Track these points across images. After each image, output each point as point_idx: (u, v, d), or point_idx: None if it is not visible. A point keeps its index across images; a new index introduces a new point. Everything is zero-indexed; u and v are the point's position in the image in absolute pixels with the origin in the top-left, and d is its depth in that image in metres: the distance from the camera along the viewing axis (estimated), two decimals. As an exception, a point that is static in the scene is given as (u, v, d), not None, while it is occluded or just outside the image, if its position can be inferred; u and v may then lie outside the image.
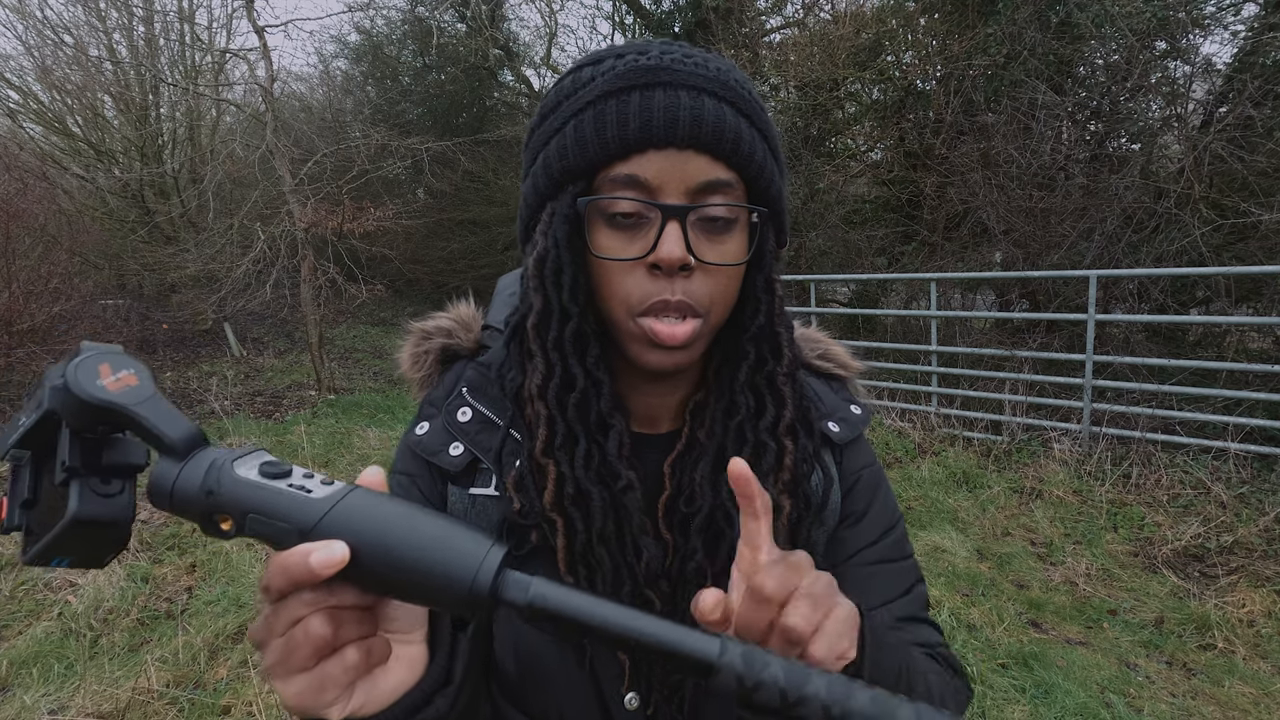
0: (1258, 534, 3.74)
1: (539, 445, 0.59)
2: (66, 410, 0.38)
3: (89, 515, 0.38)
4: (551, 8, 13.30)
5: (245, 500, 0.40)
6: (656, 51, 0.57)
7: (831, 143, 9.16)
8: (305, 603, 0.40)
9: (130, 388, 0.40)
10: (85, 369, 0.39)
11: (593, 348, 0.59)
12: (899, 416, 6.00)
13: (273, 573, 0.39)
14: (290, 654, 0.40)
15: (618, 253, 0.56)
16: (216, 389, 8.07)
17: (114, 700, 2.59)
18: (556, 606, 0.39)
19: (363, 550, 0.39)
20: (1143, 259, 5.89)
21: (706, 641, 0.38)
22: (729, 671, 0.37)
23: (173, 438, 0.40)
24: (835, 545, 0.69)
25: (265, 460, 0.42)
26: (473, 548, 0.40)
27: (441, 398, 0.69)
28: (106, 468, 0.40)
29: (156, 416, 0.40)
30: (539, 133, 0.61)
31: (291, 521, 0.39)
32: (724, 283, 0.58)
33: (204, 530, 0.41)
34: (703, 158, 0.55)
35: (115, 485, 0.40)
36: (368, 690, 0.43)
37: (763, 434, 0.62)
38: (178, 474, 0.40)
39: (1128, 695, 2.73)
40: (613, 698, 0.61)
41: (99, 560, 0.42)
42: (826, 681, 0.37)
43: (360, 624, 0.42)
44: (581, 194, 0.57)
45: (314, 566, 0.38)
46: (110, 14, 10.64)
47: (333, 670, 0.41)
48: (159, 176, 10.70)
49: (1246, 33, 5.83)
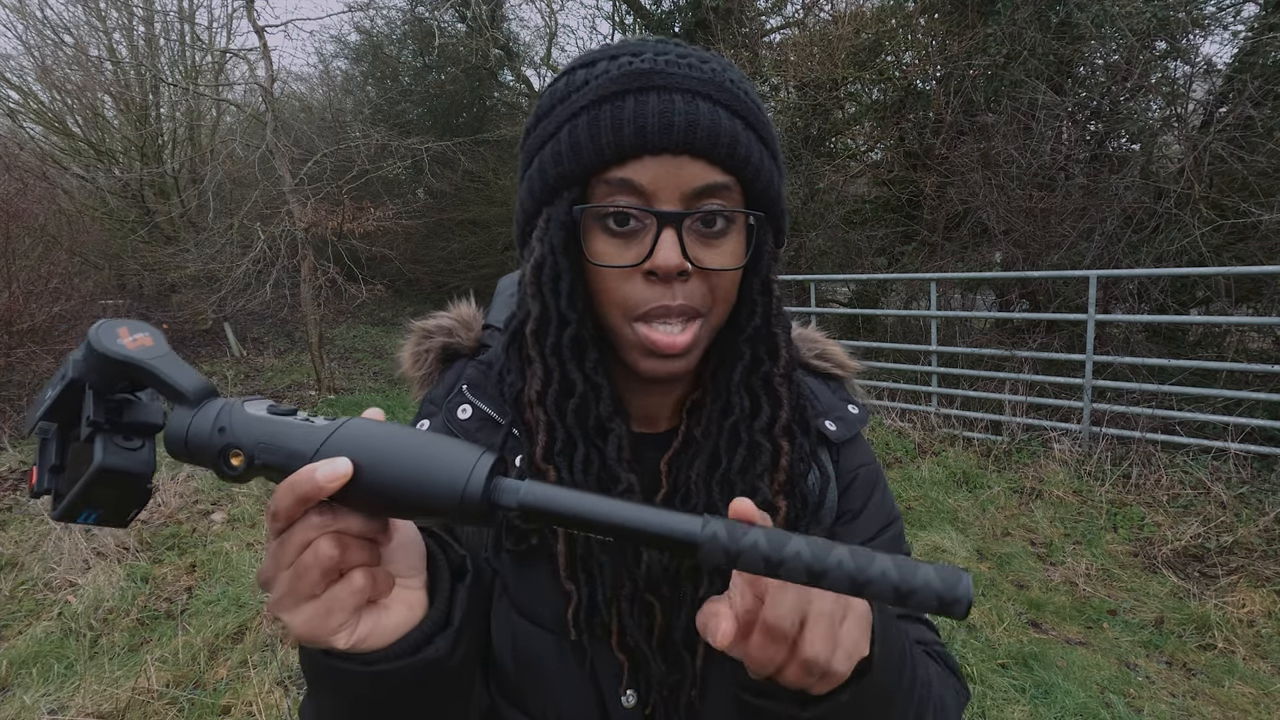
0: (1258, 534, 3.74)
1: (539, 451, 0.60)
2: (91, 369, 0.42)
3: (113, 465, 0.42)
4: (551, 8, 13.31)
5: (255, 433, 0.43)
6: (650, 53, 0.56)
7: (831, 143, 9.16)
8: (313, 526, 0.41)
9: (146, 347, 0.44)
10: (106, 331, 0.43)
11: (591, 353, 0.59)
12: (899, 416, 6.00)
13: (280, 494, 0.41)
14: (299, 581, 0.41)
15: (614, 259, 0.56)
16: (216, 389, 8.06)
17: (114, 700, 2.59)
18: (546, 504, 0.41)
19: (363, 467, 0.41)
20: (1143, 259, 5.89)
21: (688, 521, 0.40)
22: (714, 544, 0.39)
23: (186, 387, 0.44)
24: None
25: (271, 404, 0.45)
26: (464, 456, 0.42)
27: (442, 396, 0.70)
28: (128, 425, 0.44)
29: (172, 370, 0.44)
30: (534, 136, 0.60)
31: (298, 448, 0.42)
32: (722, 286, 0.58)
33: (218, 473, 0.43)
34: (698, 162, 0.55)
35: (136, 441, 0.44)
36: (372, 623, 0.45)
37: (758, 434, 0.62)
38: (192, 418, 0.43)
39: (1128, 695, 2.73)
40: (611, 696, 0.61)
41: (123, 516, 0.45)
42: (806, 542, 0.39)
43: (365, 550, 0.44)
44: (577, 200, 0.57)
45: (320, 481, 0.40)
46: (110, 14, 10.65)
47: (340, 594, 0.42)
48: (159, 176, 10.70)
49: (1246, 33, 5.83)
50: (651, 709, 0.62)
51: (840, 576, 0.38)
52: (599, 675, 0.61)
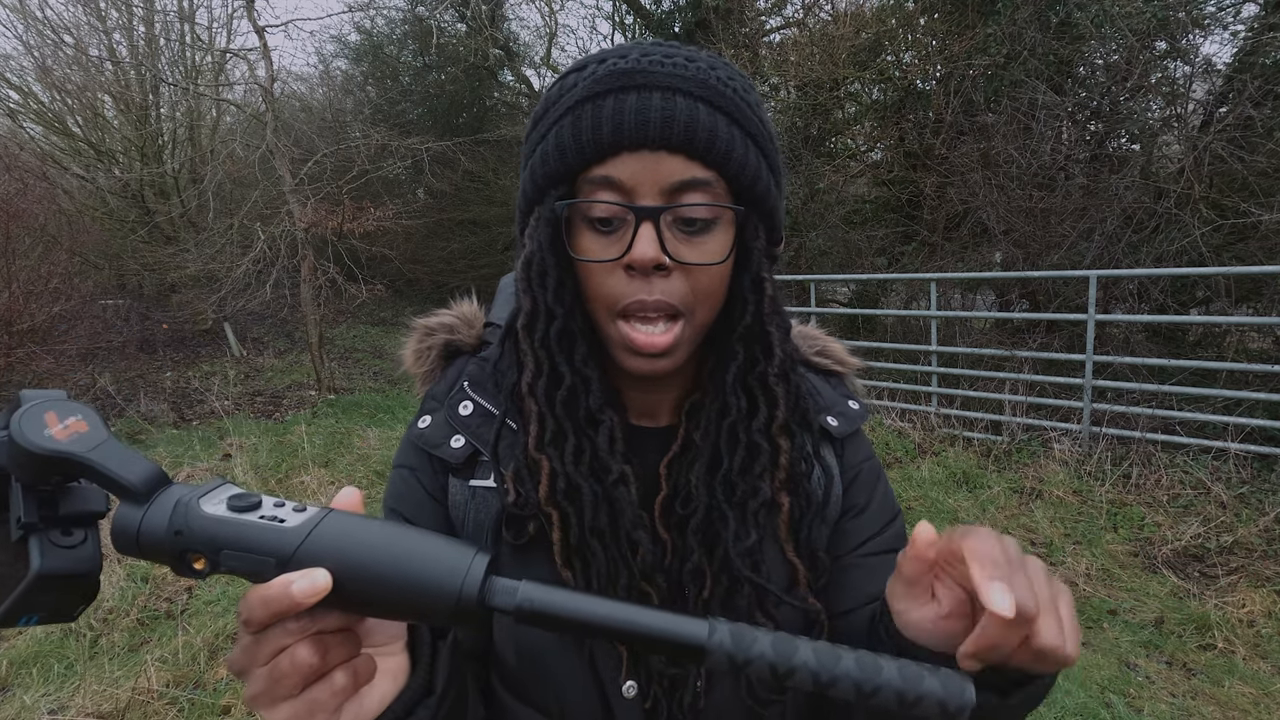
0: (1258, 534, 3.74)
1: (532, 440, 0.61)
2: (15, 465, 0.37)
3: (55, 569, 0.37)
4: (551, 8, 13.28)
5: (217, 537, 0.38)
6: (636, 54, 0.57)
7: (831, 143, 9.16)
8: (289, 632, 0.39)
9: (80, 434, 0.38)
10: (30, 421, 0.37)
11: (580, 346, 0.60)
12: (899, 416, 5.99)
13: (252, 606, 0.38)
14: (276, 683, 0.39)
15: (596, 254, 0.57)
16: (217, 389, 8.07)
17: (114, 700, 2.59)
18: (545, 607, 0.39)
19: (345, 574, 0.38)
20: (1143, 259, 5.89)
21: (695, 626, 0.39)
22: (719, 652, 0.38)
23: (132, 481, 0.38)
24: (839, 537, 0.70)
25: (232, 494, 0.40)
26: (456, 558, 0.39)
27: (444, 392, 0.70)
28: (65, 518, 0.38)
29: (112, 461, 0.38)
30: (529, 140, 0.62)
31: (268, 553, 0.38)
32: (706, 282, 0.58)
33: (176, 571, 0.39)
34: (676, 158, 0.55)
35: (77, 535, 0.39)
36: (355, 711, 0.43)
37: (755, 435, 0.62)
38: (142, 517, 0.38)
39: (1128, 695, 2.73)
40: (611, 687, 0.61)
41: (69, 614, 0.40)
42: (813, 649, 0.38)
43: (345, 645, 0.42)
44: (562, 198, 0.58)
45: (296, 596, 0.37)
46: (110, 14, 10.65)
47: (321, 695, 0.40)
48: (159, 176, 10.70)
49: (1246, 33, 5.83)
50: (652, 701, 0.62)
51: (848, 685, 0.38)
52: (599, 666, 0.62)
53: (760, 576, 0.61)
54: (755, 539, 0.61)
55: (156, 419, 7.03)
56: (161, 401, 7.57)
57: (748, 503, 0.62)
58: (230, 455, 5.61)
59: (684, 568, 0.62)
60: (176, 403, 7.69)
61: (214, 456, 5.64)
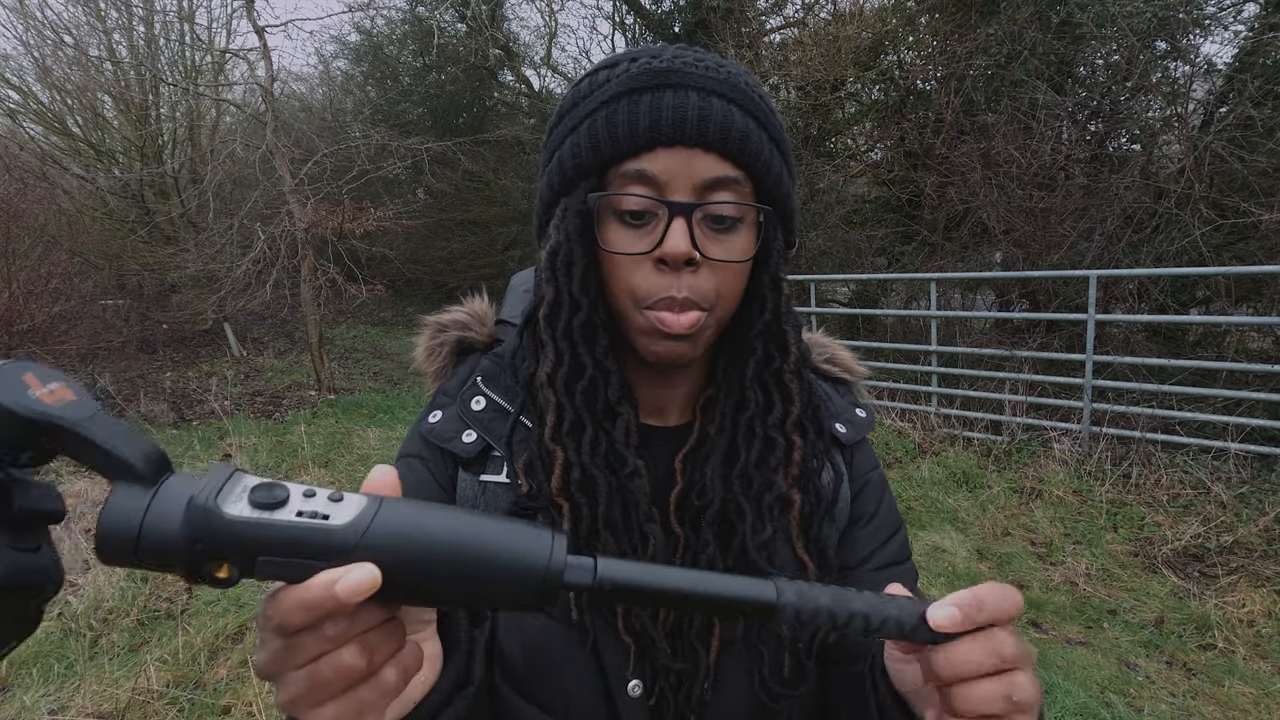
0: (1258, 534, 3.74)
1: (548, 431, 0.61)
2: None
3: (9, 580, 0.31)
4: (551, 8, 13.29)
5: (251, 543, 0.32)
6: (669, 55, 0.59)
7: (832, 143, 9.16)
8: (329, 638, 0.34)
9: (69, 401, 0.32)
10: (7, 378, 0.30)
11: (601, 338, 0.61)
12: (899, 416, 5.99)
13: (286, 609, 0.33)
14: (319, 688, 0.35)
15: (626, 247, 0.58)
16: (216, 389, 8.07)
17: (114, 700, 2.59)
18: (623, 581, 0.38)
19: (407, 566, 0.34)
20: (1143, 259, 5.89)
21: (763, 586, 0.40)
22: (789, 609, 0.40)
23: (133, 459, 0.31)
24: (849, 546, 0.71)
25: (253, 485, 0.34)
26: (535, 540, 0.37)
27: (455, 388, 0.71)
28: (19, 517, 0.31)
29: (109, 434, 0.31)
30: (555, 133, 0.63)
31: (317, 556, 0.33)
32: (729, 279, 0.60)
33: (188, 580, 0.33)
34: (710, 156, 0.57)
35: (29, 541, 0.32)
36: (399, 708, 0.42)
37: (771, 429, 0.64)
38: (147, 507, 0.31)
39: (1128, 695, 2.73)
40: (617, 685, 0.62)
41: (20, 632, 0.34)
42: (864, 600, 0.41)
43: (392, 639, 0.38)
44: (593, 190, 0.59)
45: (341, 597, 0.33)
46: (110, 14, 10.65)
47: (369, 696, 0.37)
48: (159, 176, 10.71)
49: (1247, 33, 5.83)
50: (657, 699, 0.62)
51: (893, 627, 0.41)
52: (604, 662, 0.62)
53: (774, 570, 0.62)
54: (771, 532, 0.62)
55: (156, 419, 7.03)
56: (161, 402, 7.57)
57: (763, 496, 0.63)
58: (230, 455, 5.61)
59: (698, 561, 0.62)
60: (176, 403, 7.69)
61: (214, 457, 5.64)
